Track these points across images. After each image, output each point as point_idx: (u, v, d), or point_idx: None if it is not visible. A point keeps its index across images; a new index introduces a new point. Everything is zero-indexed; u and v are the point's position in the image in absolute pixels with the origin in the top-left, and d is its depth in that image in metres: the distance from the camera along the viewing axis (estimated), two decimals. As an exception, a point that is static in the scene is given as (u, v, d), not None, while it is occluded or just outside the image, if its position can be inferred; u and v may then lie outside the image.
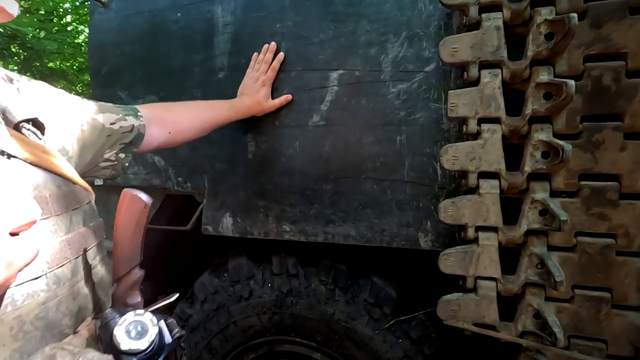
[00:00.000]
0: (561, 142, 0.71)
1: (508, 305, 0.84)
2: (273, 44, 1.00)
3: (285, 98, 1.00)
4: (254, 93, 0.97)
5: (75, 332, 0.55)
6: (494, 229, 0.81)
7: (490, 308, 0.83)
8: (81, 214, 0.59)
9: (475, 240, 0.82)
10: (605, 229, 0.75)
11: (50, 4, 5.55)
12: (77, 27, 6.67)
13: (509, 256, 0.82)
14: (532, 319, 0.81)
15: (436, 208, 0.86)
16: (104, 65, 1.19)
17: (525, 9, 0.76)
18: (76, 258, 0.56)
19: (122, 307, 0.57)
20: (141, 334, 0.49)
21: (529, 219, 0.78)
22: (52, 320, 0.51)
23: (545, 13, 0.74)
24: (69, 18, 6.41)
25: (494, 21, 0.77)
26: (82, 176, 0.67)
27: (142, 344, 0.49)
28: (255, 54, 1.01)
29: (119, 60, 1.16)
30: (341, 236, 0.99)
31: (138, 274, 0.58)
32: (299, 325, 1.08)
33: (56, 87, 0.66)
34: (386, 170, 0.93)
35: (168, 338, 0.53)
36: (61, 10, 6.11)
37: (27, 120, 0.55)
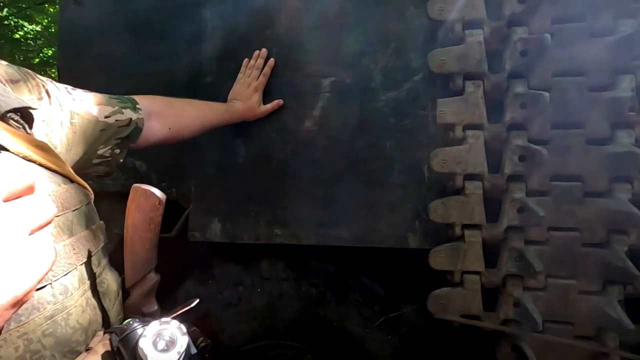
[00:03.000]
0: (536, 147, 0.80)
1: (490, 297, 0.91)
2: (264, 50, 1.01)
3: (277, 103, 1.01)
4: (247, 98, 0.98)
5: (87, 349, 0.51)
6: (478, 227, 0.88)
7: (475, 300, 0.90)
8: (82, 216, 0.54)
9: (461, 238, 0.89)
10: (573, 223, 0.84)
11: (-16, -5, 5.04)
12: (15, 21, 6.09)
13: (490, 251, 0.89)
14: (512, 308, 0.89)
15: (425, 209, 0.91)
16: (77, 64, 1.12)
17: (503, 27, 0.84)
18: (81, 264, 0.52)
19: (139, 316, 0.53)
20: (169, 344, 0.46)
21: (509, 216, 0.86)
22: (61, 336, 0.47)
23: (520, 32, 0.83)
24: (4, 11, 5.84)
25: (476, 37, 0.85)
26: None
27: (172, 357, 0.45)
28: (246, 59, 1.01)
29: (95, 61, 1.10)
30: (333, 238, 1.01)
31: (154, 279, 0.54)
32: (290, 328, 1.08)
33: None
34: (377, 174, 0.98)
35: (193, 349, 0.50)
36: (-3, 2, 5.57)
37: (15, 111, 0.48)
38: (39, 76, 0.57)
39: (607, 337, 0.85)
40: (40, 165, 0.49)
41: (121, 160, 0.72)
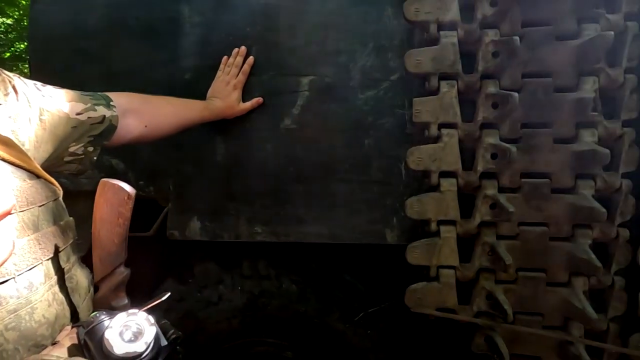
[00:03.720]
0: (508, 145, 0.83)
1: (464, 290, 0.94)
2: (243, 47, 1.01)
3: (256, 101, 1.01)
4: (226, 96, 0.97)
5: (54, 343, 0.51)
6: (453, 223, 0.91)
7: (450, 294, 0.93)
8: (49, 211, 0.54)
9: (437, 233, 0.91)
10: (541, 218, 0.88)
11: None
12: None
13: (464, 246, 0.92)
14: (485, 301, 0.92)
15: (402, 206, 0.94)
16: (50, 60, 1.09)
17: (475, 30, 0.87)
18: (47, 260, 0.52)
19: (107, 310, 0.53)
20: (136, 335, 0.46)
21: (482, 212, 0.89)
22: (25, 330, 0.47)
23: (492, 34, 0.86)
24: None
25: (450, 38, 0.87)
26: (44, 171, 0.62)
27: (139, 347, 0.45)
28: (225, 57, 1.01)
29: (69, 57, 1.08)
30: (313, 235, 1.02)
31: (123, 273, 0.53)
32: (271, 326, 1.09)
33: None
34: (355, 172, 0.99)
35: (163, 341, 0.50)
36: None
37: None
38: (5, 72, 0.56)
39: (573, 327, 0.90)
40: (4, 160, 0.49)
41: (95, 158, 0.71)
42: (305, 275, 1.09)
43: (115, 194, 0.52)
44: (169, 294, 0.56)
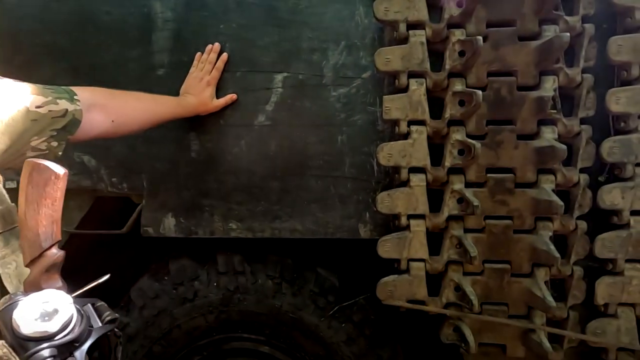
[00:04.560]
0: (472, 141, 0.86)
1: (434, 282, 0.97)
2: (217, 44, 1.01)
3: (230, 97, 1.01)
4: (199, 93, 0.97)
5: None
6: (422, 217, 0.93)
7: (420, 286, 0.95)
8: None
9: (407, 227, 0.94)
10: (505, 212, 0.92)
11: None
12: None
13: (434, 240, 0.95)
14: (453, 292, 0.95)
15: (374, 201, 0.96)
16: (17, 54, 1.06)
17: (443, 29, 0.90)
18: None
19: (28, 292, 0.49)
20: (50, 315, 0.44)
21: (449, 206, 0.92)
22: None
23: (458, 34, 0.89)
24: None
25: (419, 37, 0.90)
26: (4, 166, 0.61)
27: (52, 327, 0.43)
28: (199, 53, 1.01)
29: (38, 51, 1.05)
30: (288, 231, 1.03)
31: (55, 255, 0.51)
32: (246, 321, 1.10)
33: None
34: (329, 168, 1.01)
35: (97, 322, 0.49)
36: None
37: None
38: None
39: (536, 315, 0.94)
40: None
41: (60, 154, 0.70)
42: (280, 271, 1.10)
43: (41, 174, 0.50)
44: (108, 275, 0.54)
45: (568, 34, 0.80)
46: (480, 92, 0.84)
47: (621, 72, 0.88)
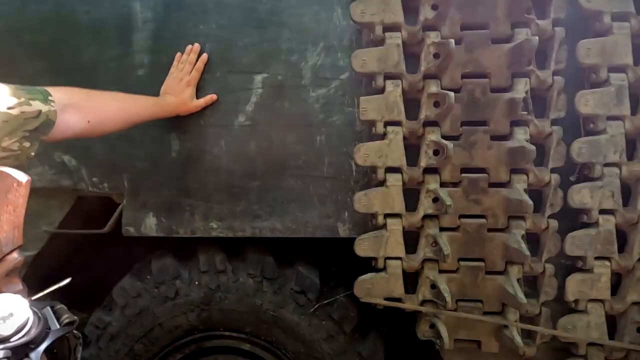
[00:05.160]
0: (445, 142, 0.88)
1: (411, 280, 0.99)
2: (197, 45, 1.01)
3: (210, 98, 1.02)
4: (179, 93, 0.98)
5: None
6: (398, 216, 0.95)
7: (397, 283, 0.97)
8: None
9: (384, 226, 0.96)
10: (479, 211, 0.94)
11: None
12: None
13: (410, 238, 0.97)
14: (429, 289, 0.97)
15: (352, 200, 0.97)
16: (-4, 53, 1.06)
17: (418, 32, 0.91)
18: None
19: None
20: (5, 319, 0.46)
21: (425, 205, 0.94)
22: None
23: (433, 36, 0.91)
24: None
25: (395, 39, 0.91)
26: None
27: (6, 329, 0.45)
28: (179, 54, 1.01)
29: (16, 50, 1.05)
30: (268, 230, 1.05)
31: (16, 259, 0.53)
32: (228, 319, 1.11)
33: None
34: (308, 168, 1.02)
35: (55, 324, 0.51)
36: None
37: None
38: None
39: (510, 312, 0.96)
40: None
41: (32, 154, 0.70)
42: (261, 269, 1.11)
43: (3, 181, 0.52)
44: (69, 279, 0.56)
45: (537, 37, 0.83)
46: (452, 94, 0.85)
47: (590, 74, 0.90)
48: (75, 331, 0.52)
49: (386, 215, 0.95)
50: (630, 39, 0.86)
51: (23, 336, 0.46)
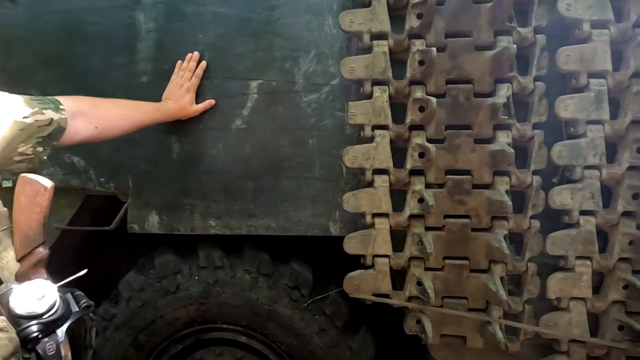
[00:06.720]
0: (429, 145, 0.92)
1: (398, 277, 1.03)
2: (196, 53, 1.07)
3: (208, 103, 1.08)
4: (179, 98, 1.04)
5: None
6: (385, 215, 1.00)
7: (384, 280, 1.02)
8: None
9: (372, 225, 1.00)
10: (463, 211, 0.98)
11: None
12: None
13: (397, 237, 1.01)
14: (415, 286, 1.01)
15: (342, 200, 1.02)
16: (10, 62, 1.14)
17: (404, 40, 0.95)
18: None
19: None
20: (39, 299, 0.55)
21: (411, 206, 0.98)
22: None
23: (418, 44, 0.95)
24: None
25: (382, 47, 0.96)
26: None
27: (40, 308, 0.54)
28: (179, 61, 1.07)
29: (29, 59, 1.13)
30: (263, 228, 1.10)
31: (42, 252, 0.61)
32: (225, 312, 1.17)
33: None
34: (300, 169, 1.07)
35: (75, 307, 0.60)
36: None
37: None
38: None
39: (494, 309, 1.00)
40: None
41: (45, 158, 0.77)
42: (257, 266, 1.17)
43: (32, 187, 0.60)
44: (86, 270, 0.64)
45: (515, 45, 0.86)
46: (434, 99, 0.89)
47: (570, 80, 0.93)
48: (91, 314, 0.60)
49: (374, 215, 1.00)
50: (610, 45, 0.89)
51: (52, 314, 0.55)
